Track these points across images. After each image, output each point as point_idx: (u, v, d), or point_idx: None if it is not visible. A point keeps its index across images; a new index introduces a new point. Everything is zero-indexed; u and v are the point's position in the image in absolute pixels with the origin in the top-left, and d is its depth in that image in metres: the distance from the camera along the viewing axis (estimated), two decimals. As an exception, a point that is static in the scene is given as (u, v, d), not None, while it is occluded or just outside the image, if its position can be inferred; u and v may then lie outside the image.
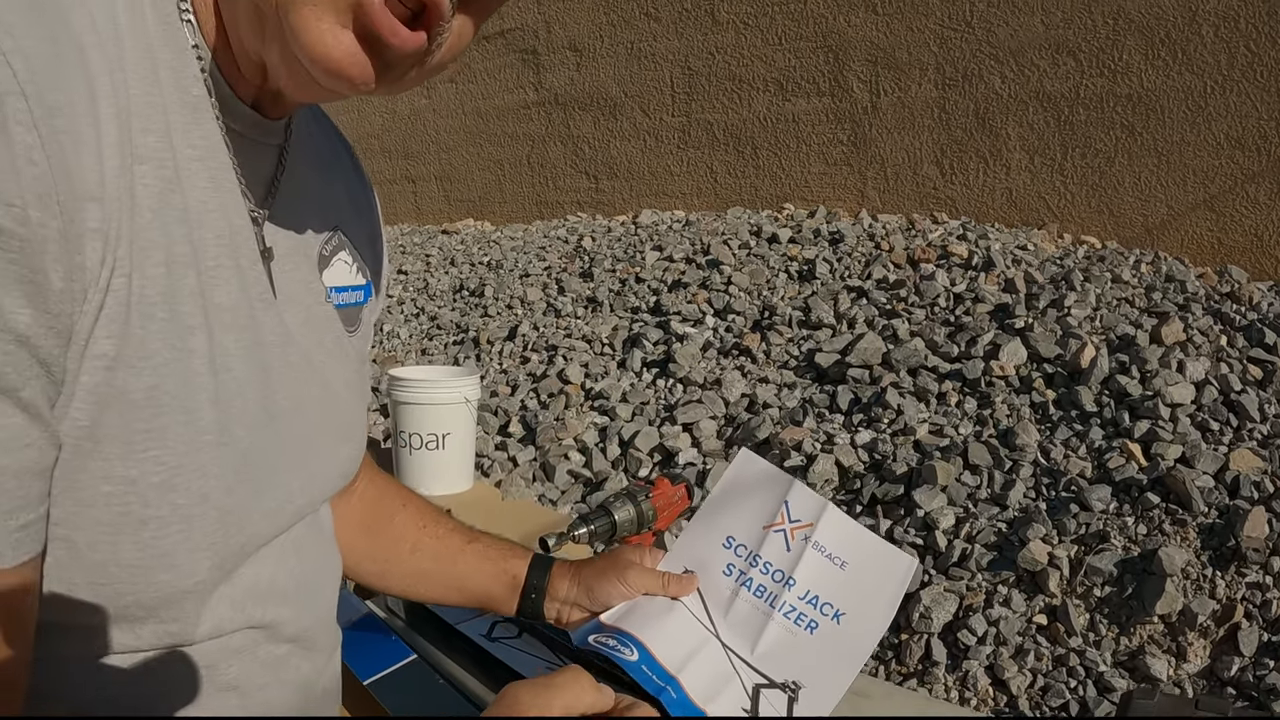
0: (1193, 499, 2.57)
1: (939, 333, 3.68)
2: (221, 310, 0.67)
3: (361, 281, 0.91)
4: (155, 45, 0.64)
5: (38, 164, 0.51)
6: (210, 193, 0.68)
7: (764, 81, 6.85)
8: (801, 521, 1.11)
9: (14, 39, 0.51)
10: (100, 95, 0.57)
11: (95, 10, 0.59)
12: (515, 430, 3.82)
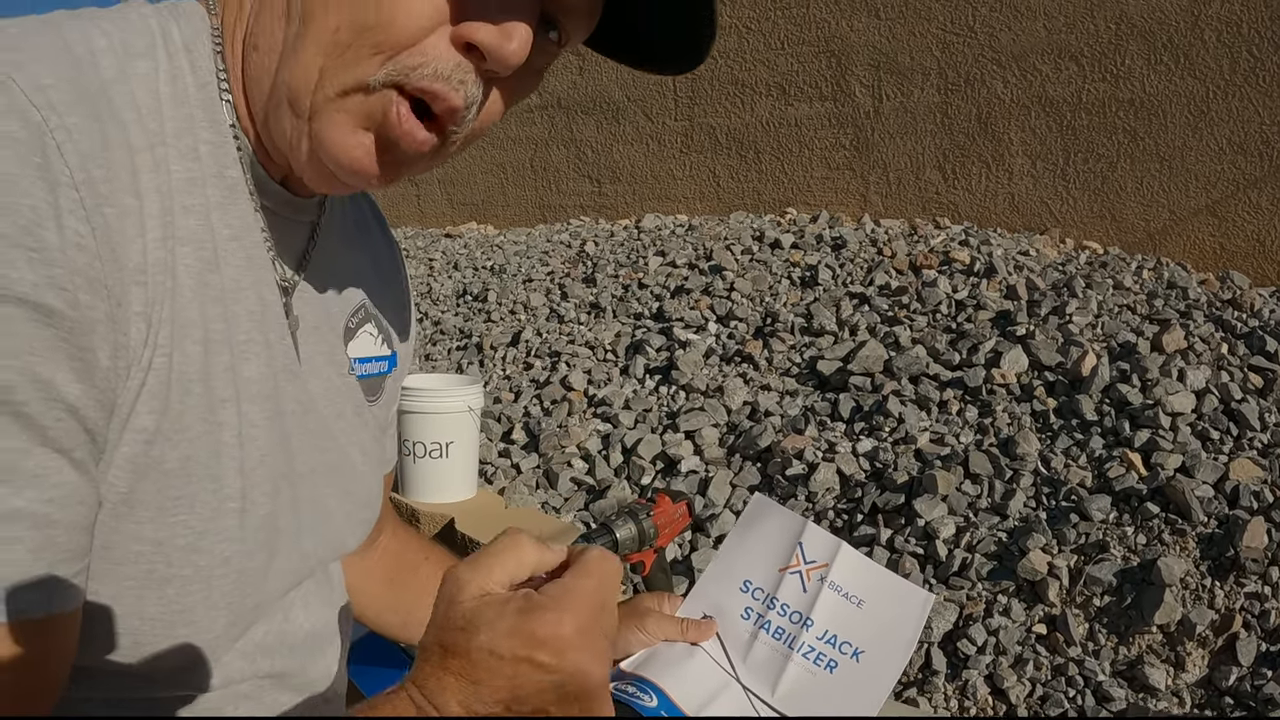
0: (1192, 509, 2.58)
1: (940, 340, 3.70)
2: (250, 383, 0.70)
3: (386, 352, 0.94)
4: (197, 120, 0.67)
5: (88, 250, 0.54)
6: (244, 271, 0.70)
7: (766, 86, 6.86)
8: (817, 562, 1.11)
9: (60, 116, 0.53)
10: (142, 170, 0.60)
11: (136, 86, 0.62)
12: (518, 437, 3.84)
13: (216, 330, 0.67)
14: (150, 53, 0.65)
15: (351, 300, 0.89)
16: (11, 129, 0.51)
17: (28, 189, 0.50)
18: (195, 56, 0.68)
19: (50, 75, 0.55)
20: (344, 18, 0.63)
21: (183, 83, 0.66)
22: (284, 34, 0.66)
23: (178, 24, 0.68)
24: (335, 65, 0.64)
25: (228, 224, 0.69)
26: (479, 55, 0.66)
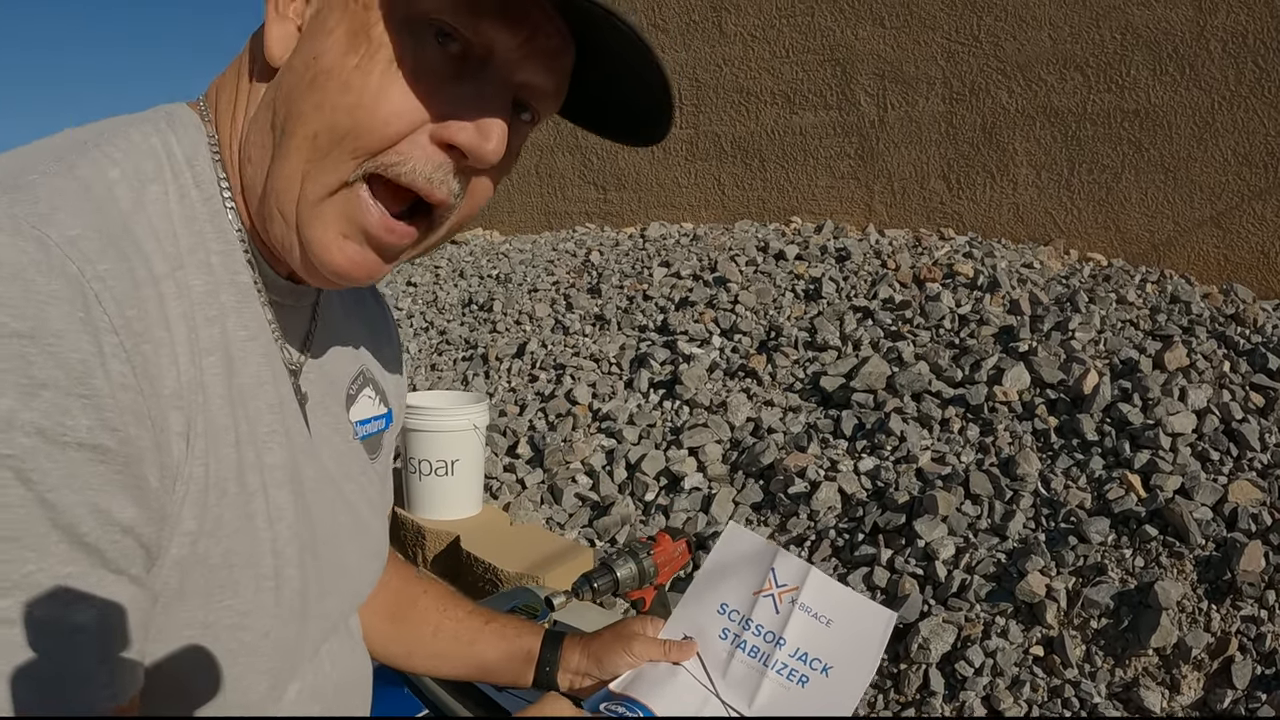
0: (1190, 532, 2.60)
1: (943, 356, 3.72)
2: (274, 469, 0.75)
3: (383, 411, 0.99)
4: (207, 234, 0.71)
5: (131, 388, 0.59)
6: (261, 366, 0.75)
7: (771, 94, 6.88)
8: (788, 585, 1.19)
9: (94, 265, 0.58)
10: (168, 298, 0.64)
11: (152, 212, 0.67)
12: (523, 451, 3.87)
13: (243, 430, 0.72)
14: (159, 175, 0.69)
15: (351, 368, 0.94)
16: (55, 288, 0.55)
17: (75, 342, 0.55)
18: (198, 171, 0.72)
19: (78, 224, 0.59)
20: (322, 124, 0.67)
21: (190, 199, 0.71)
22: (271, 144, 0.70)
23: (176, 137, 0.72)
24: (315, 170, 0.68)
25: (243, 325, 0.74)
26: (459, 154, 0.70)
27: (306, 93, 0.68)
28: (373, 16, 0.67)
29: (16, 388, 0.52)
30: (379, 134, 0.67)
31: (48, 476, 0.53)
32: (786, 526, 3.08)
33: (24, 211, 0.57)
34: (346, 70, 0.67)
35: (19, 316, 0.53)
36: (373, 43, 0.67)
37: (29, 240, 0.55)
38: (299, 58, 0.69)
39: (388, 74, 0.66)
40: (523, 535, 3.15)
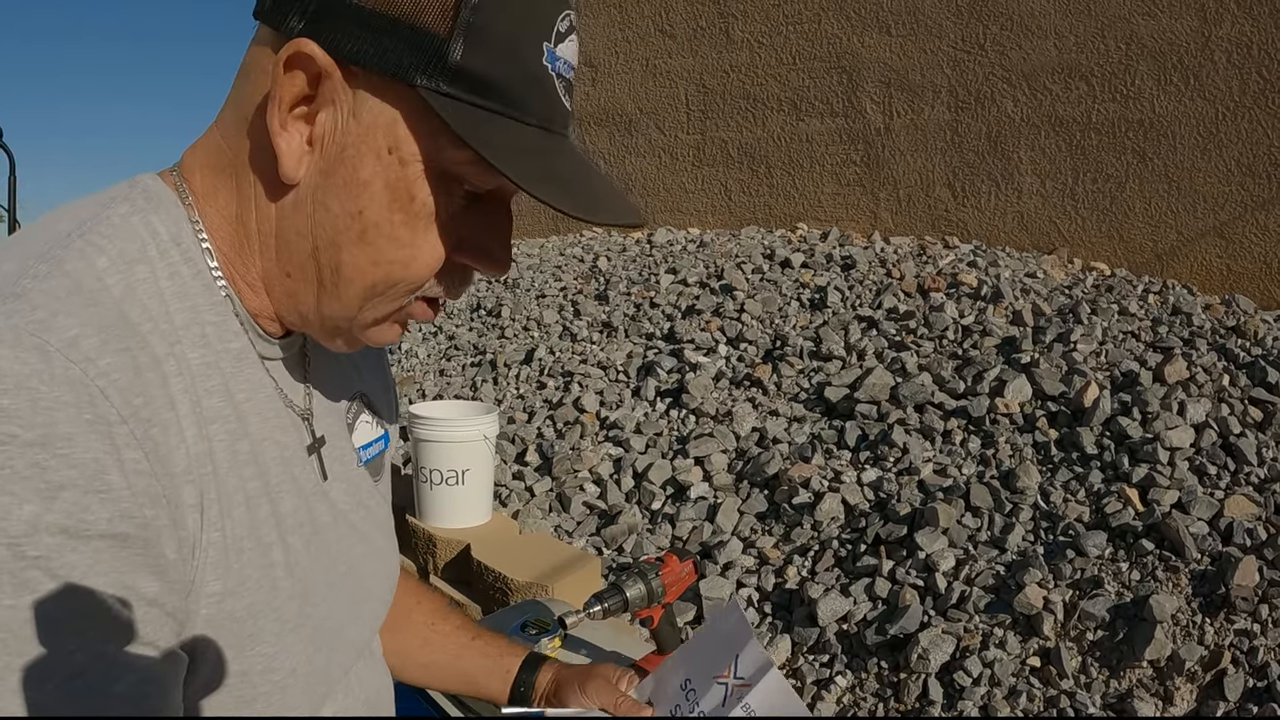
0: (1186, 546, 2.65)
1: (946, 367, 3.77)
2: (286, 517, 0.81)
3: (380, 432, 1.04)
4: (200, 306, 0.76)
5: (145, 473, 0.64)
6: (264, 422, 0.80)
7: (778, 101, 6.93)
8: (744, 679, 1.17)
9: (94, 363, 0.62)
10: (170, 377, 0.69)
11: (142, 293, 0.71)
12: (532, 459, 3.93)
13: (254, 488, 0.77)
14: (144, 255, 0.73)
15: (346, 394, 0.99)
16: (59, 394, 0.60)
17: (86, 443, 0.60)
18: (185, 249, 0.76)
19: (75, 324, 0.63)
20: (379, 276, 0.75)
21: (180, 276, 0.75)
22: (317, 279, 0.77)
23: (158, 216, 0.76)
24: (373, 306, 0.78)
25: (242, 388, 0.79)
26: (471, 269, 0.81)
27: (358, 246, 0.74)
28: (411, 173, 0.72)
29: (37, 493, 0.57)
30: (425, 274, 0.77)
31: (74, 570, 0.59)
32: (790, 537, 3.14)
33: (23, 321, 0.61)
34: (394, 226, 0.73)
35: (29, 426, 0.58)
36: (415, 201, 0.73)
37: (29, 350, 0.60)
38: (337, 202, 0.73)
39: (431, 228, 0.74)
40: (532, 544, 3.21)
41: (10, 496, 0.56)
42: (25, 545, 0.57)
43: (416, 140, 0.71)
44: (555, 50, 0.73)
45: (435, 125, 0.70)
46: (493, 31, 0.69)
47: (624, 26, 8.06)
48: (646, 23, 7.91)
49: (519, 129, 0.72)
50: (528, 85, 0.71)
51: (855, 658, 2.74)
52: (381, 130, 0.71)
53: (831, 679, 2.71)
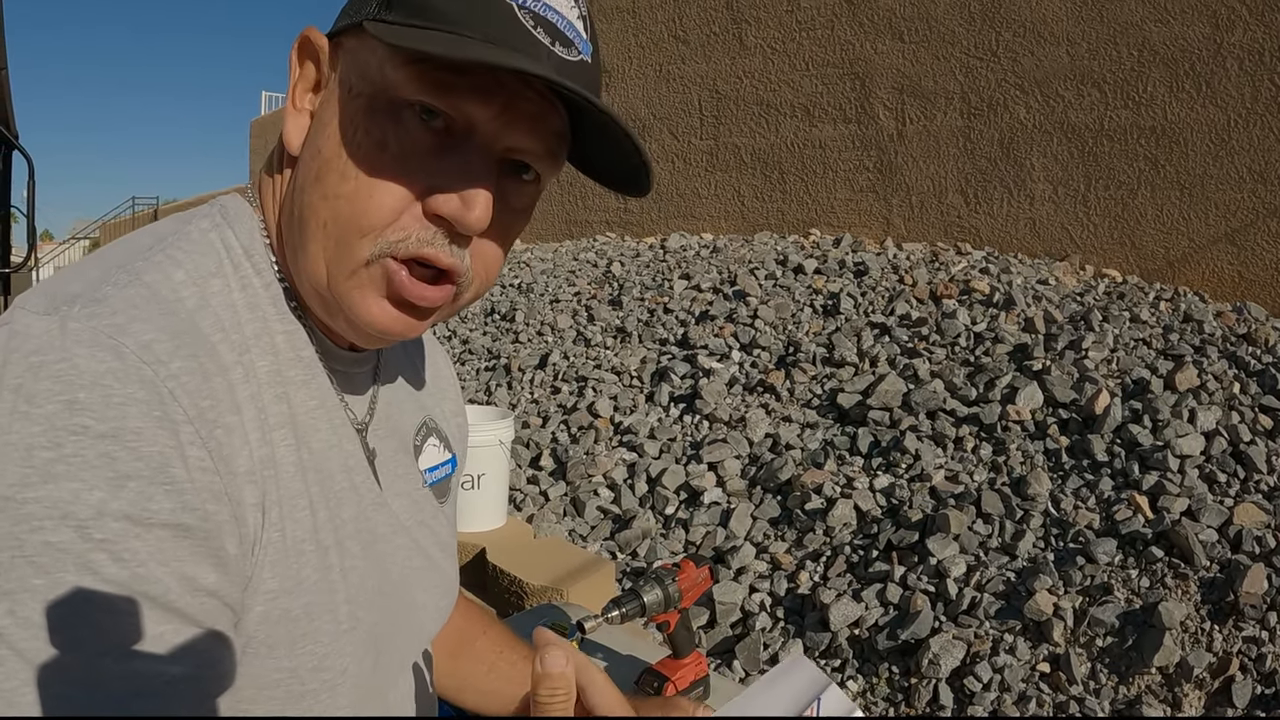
0: (1195, 553, 2.68)
1: (958, 374, 3.80)
2: (346, 523, 0.84)
3: (448, 456, 1.07)
4: (269, 316, 0.80)
5: (208, 470, 0.67)
6: (329, 432, 0.84)
7: (791, 107, 6.96)
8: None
9: (166, 366, 0.67)
10: (236, 384, 0.73)
11: (216, 305, 0.75)
12: (546, 464, 3.97)
13: (315, 493, 0.80)
14: (219, 270, 0.78)
15: (415, 419, 1.02)
16: (133, 392, 0.64)
17: (154, 437, 0.64)
18: (256, 260, 0.81)
19: (150, 330, 0.68)
20: (329, 212, 0.75)
21: (252, 287, 0.80)
22: (291, 232, 0.80)
23: (233, 229, 0.81)
24: (335, 255, 0.76)
25: (310, 397, 0.82)
26: (448, 223, 0.76)
27: (314, 185, 0.76)
28: (360, 105, 0.74)
29: (106, 481, 0.61)
30: (376, 215, 0.74)
31: (137, 554, 0.62)
32: (803, 542, 3.17)
33: (102, 324, 0.66)
34: (342, 160, 0.74)
35: (101, 419, 0.62)
36: (360, 130, 0.74)
37: (106, 350, 0.64)
38: (307, 150, 0.78)
39: (378, 159, 0.74)
40: (546, 548, 3.24)
41: (80, 483, 0.60)
42: (92, 529, 0.60)
43: (367, 73, 0.75)
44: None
45: (380, 53, 0.73)
46: None
47: (638, 32, 8.10)
48: (660, 28, 7.95)
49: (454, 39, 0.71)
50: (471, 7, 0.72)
51: (867, 663, 2.77)
52: (343, 78, 0.76)
53: (843, 684, 2.74)
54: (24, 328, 0.66)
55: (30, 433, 0.61)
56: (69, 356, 0.63)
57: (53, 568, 0.59)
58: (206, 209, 0.83)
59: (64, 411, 0.62)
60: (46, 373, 0.63)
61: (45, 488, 0.60)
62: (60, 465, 0.60)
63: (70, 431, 0.61)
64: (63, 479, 0.60)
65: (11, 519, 0.59)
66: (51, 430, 0.61)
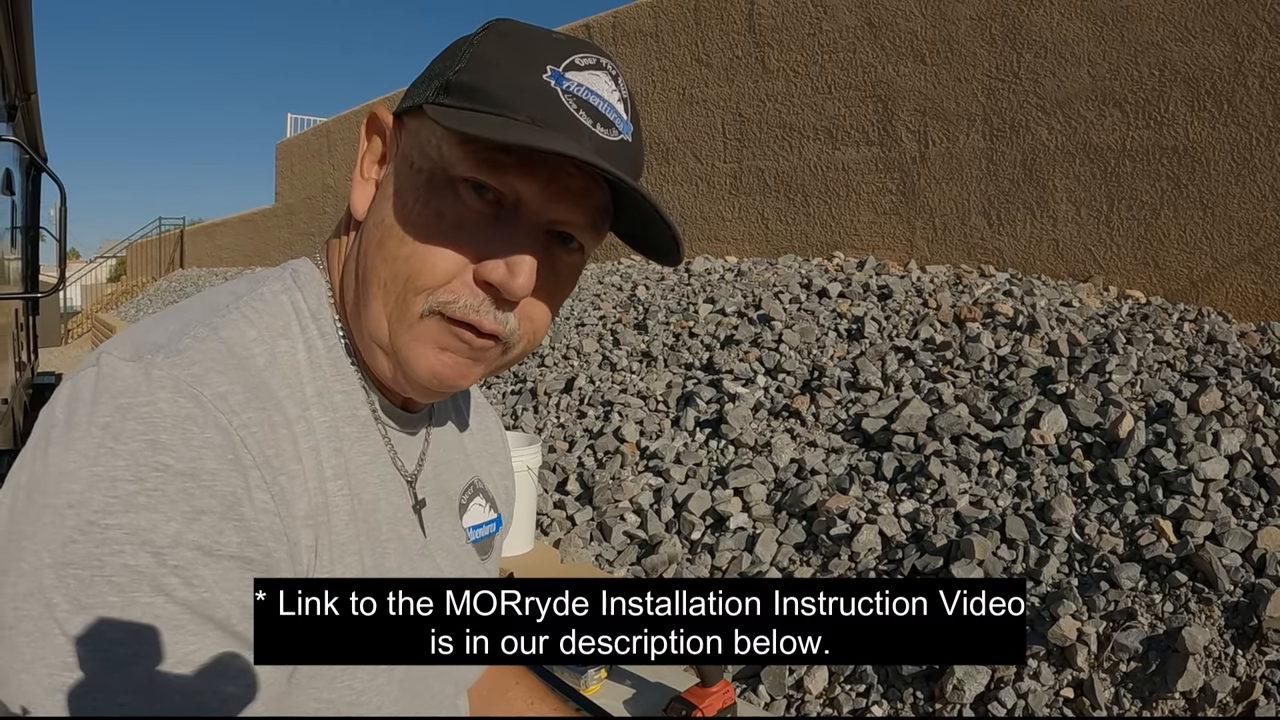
0: (1219, 578, 2.70)
1: (983, 398, 3.83)
2: (389, 571, 0.90)
3: (493, 516, 1.12)
4: (329, 377, 0.87)
5: (271, 512, 0.74)
6: (379, 485, 0.90)
7: (814, 130, 7.01)
8: None
9: (239, 415, 0.74)
10: (299, 437, 0.80)
11: (283, 364, 0.83)
12: (573, 488, 4.02)
13: (364, 542, 0.87)
14: (287, 330, 0.85)
15: (463, 479, 1.08)
16: (210, 436, 0.71)
17: (227, 479, 0.71)
18: (321, 323, 0.89)
19: (225, 382, 0.75)
20: (389, 273, 0.83)
21: (315, 349, 0.87)
22: (356, 294, 0.87)
23: (302, 293, 0.89)
24: (394, 311, 0.84)
25: (363, 452, 0.89)
26: (495, 290, 0.83)
27: (377, 249, 0.84)
28: (420, 179, 0.82)
29: (182, 515, 0.68)
30: (430, 276, 0.82)
31: (205, 581, 0.69)
32: (828, 567, 3.20)
33: (183, 374, 0.73)
34: (404, 227, 0.82)
35: (180, 459, 0.69)
36: (420, 202, 0.82)
37: (188, 398, 0.71)
38: (372, 217, 0.86)
39: (435, 227, 0.81)
40: (573, 573, 3.29)
41: (160, 514, 0.67)
42: (167, 555, 0.67)
43: (426, 150, 0.82)
44: (564, 74, 0.81)
45: (439, 133, 0.81)
46: (487, 56, 0.81)
47: (660, 56, 8.18)
48: (683, 52, 8.03)
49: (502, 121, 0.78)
50: (520, 92, 0.79)
51: (891, 688, 2.80)
52: (405, 153, 0.85)
53: (868, 709, 2.77)
54: (111, 371, 0.72)
55: (116, 466, 0.67)
56: (154, 400, 0.71)
57: (129, 587, 0.66)
58: (279, 272, 0.91)
59: (148, 449, 0.68)
60: (133, 414, 0.70)
61: (127, 516, 0.66)
62: (142, 497, 0.67)
63: (153, 468, 0.68)
64: (144, 509, 0.67)
65: (95, 541, 0.66)
66: (135, 465, 0.67)
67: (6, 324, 5.03)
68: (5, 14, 4.39)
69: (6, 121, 4.92)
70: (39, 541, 0.66)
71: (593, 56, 0.83)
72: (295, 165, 18.11)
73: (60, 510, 0.67)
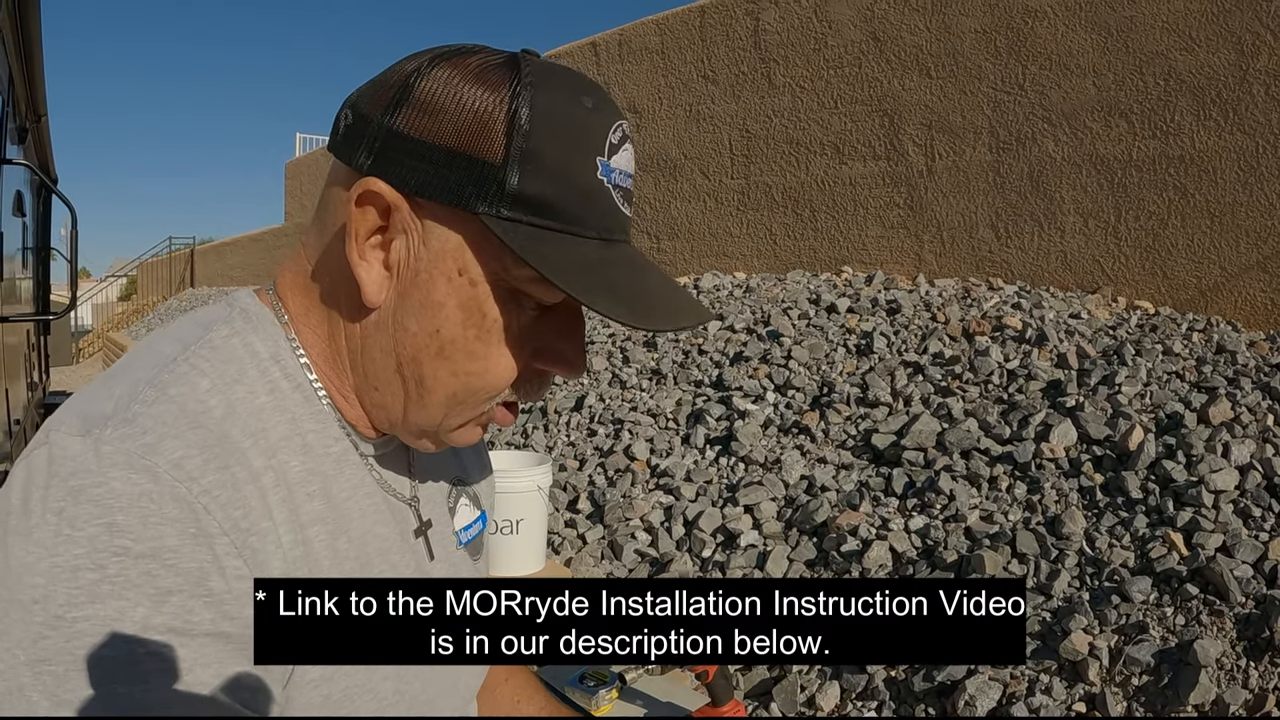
0: (1230, 590, 2.69)
1: (992, 412, 3.83)
2: None
3: (477, 514, 1.12)
4: (299, 416, 0.85)
5: (244, 578, 0.72)
6: (366, 517, 0.89)
7: (820, 145, 7.03)
8: None
9: (198, 482, 0.71)
10: (268, 490, 0.78)
11: (242, 411, 0.80)
12: (584, 507, 4.03)
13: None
14: (243, 375, 0.82)
15: (447, 481, 1.08)
16: (168, 511, 0.69)
17: (191, 554, 0.69)
18: (284, 365, 0.86)
19: (180, 446, 0.72)
20: (459, 386, 0.83)
21: (280, 390, 0.84)
22: (403, 391, 0.86)
23: (258, 336, 0.85)
24: (455, 413, 0.86)
25: (342, 488, 0.87)
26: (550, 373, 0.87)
27: (438, 361, 0.82)
28: (481, 293, 0.80)
29: (148, 598, 0.66)
30: (502, 384, 0.84)
31: (183, 662, 0.68)
32: (839, 583, 3.21)
33: (134, 445, 0.70)
34: (469, 341, 0.81)
35: (139, 540, 0.67)
36: (486, 318, 0.80)
37: (140, 472, 0.69)
38: (415, 322, 0.82)
39: (503, 341, 0.82)
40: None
41: (125, 601, 0.66)
42: (138, 644, 0.66)
43: (483, 262, 0.79)
44: (610, 163, 0.79)
45: (498, 248, 0.78)
46: (546, 155, 0.76)
47: (667, 73, 8.22)
48: (689, 69, 8.06)
49: (577, 243, 0.78)
50: (584, 201, 0.78)
51: (903, 704, 2.80)
52: (450, 255, 0.79)
53: (882, 725, 2.77)
54: (61, 450, 0.70)
55: (74, 554, 0.66)
56: (105, 480, 0.68)
57: (106, 679, 0.65)
58: (224, 312, 0.87)
59: (104, 534, 0.66)
60: (85, 496, 0.67)
61: (93, 607, 0.65)
62: (105, 585, 0.65)
63: (112, 553, 0.66)
64: (108, 598, 0.65)
65: (65, 636, 0.65)
66: (94, 553, 0.66)
67: (18, 344, 5.07)
68: (16, 38, 4.44)
69: (18, 144, 4.97)
70: (11, 639, 0.66)
71: (619, 127, 0.81)
72: (305, 185, 18.22)
73: (27, 606, 0.66)
